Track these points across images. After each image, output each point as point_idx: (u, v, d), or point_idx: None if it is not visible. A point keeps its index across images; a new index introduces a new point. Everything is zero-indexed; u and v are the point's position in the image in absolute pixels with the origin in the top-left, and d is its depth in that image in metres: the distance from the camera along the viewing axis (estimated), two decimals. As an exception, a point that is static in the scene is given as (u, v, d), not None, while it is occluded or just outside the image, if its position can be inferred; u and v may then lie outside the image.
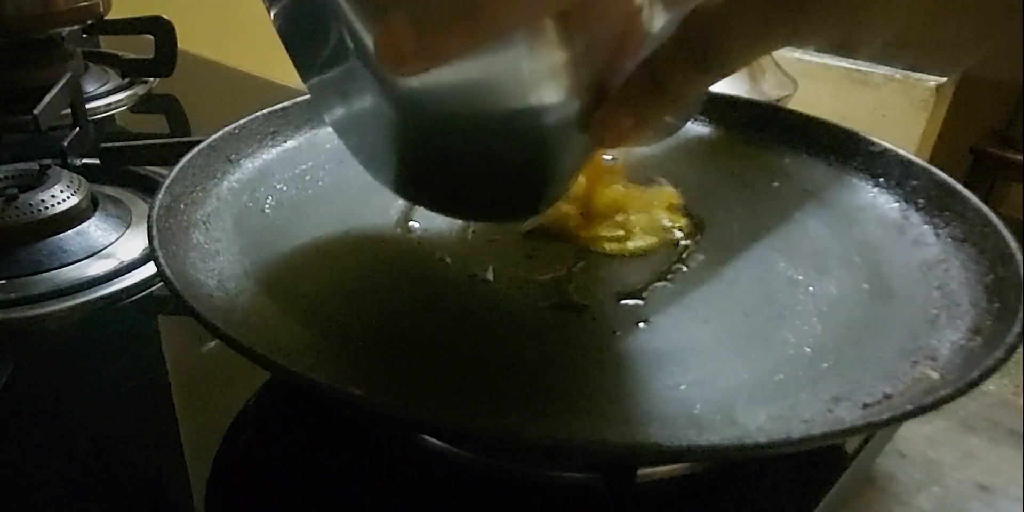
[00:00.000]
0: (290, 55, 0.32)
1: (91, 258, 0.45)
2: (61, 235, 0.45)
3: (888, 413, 0.27)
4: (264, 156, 0.45)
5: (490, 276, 0.36)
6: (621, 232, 0.40)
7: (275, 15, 0.31)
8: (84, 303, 0.41)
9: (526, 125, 0.27)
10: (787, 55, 1.37)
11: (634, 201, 0.41)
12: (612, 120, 0.28)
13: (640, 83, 0.27)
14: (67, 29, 0.67)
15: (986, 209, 0.37)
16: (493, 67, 0.25)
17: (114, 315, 0.42)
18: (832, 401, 0.29)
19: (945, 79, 1.30)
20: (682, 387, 0.30)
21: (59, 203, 0.45)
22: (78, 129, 0.55)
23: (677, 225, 0.41)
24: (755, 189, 0.44)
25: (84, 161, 0.53)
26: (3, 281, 0.42)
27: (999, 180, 1.71)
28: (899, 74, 1.32)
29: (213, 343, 0.40)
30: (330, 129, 0.48)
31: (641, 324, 0.34)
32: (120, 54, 0.74)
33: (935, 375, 0.30)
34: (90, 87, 0.70)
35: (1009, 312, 0.31)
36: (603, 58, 0.27)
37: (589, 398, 0.29)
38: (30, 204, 0.44)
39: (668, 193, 0.43)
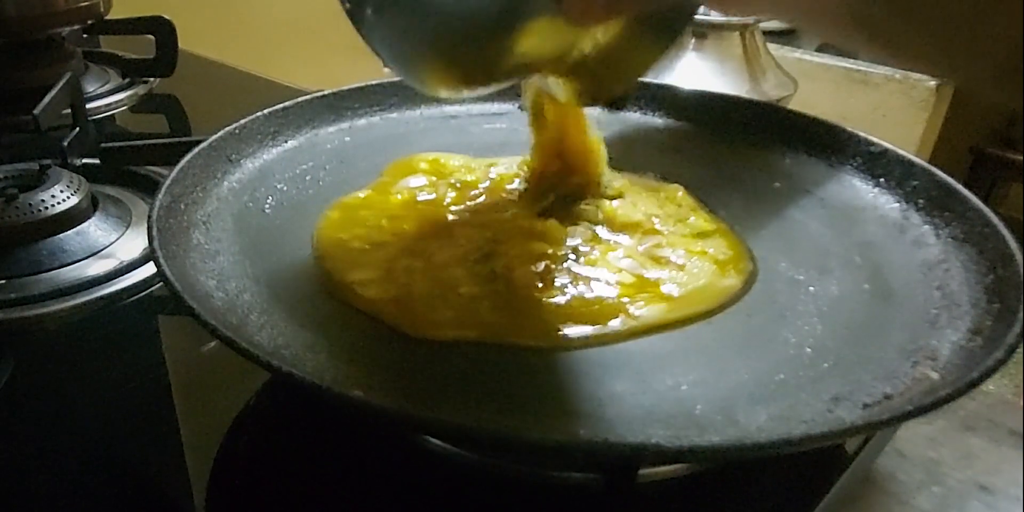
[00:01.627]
0: None
1: (91, 258, 0.45)
2: (61, 235, 0.45)
3: (888, 413, 0.27)
4: (264, 156, 0.45)
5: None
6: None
7: None
8: (84, 303, 0.41)
9: None
10: (787, 55, 1.37)
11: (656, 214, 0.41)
12: None
13: None
14: (67, 29, 0.67)
15: (986, 209, 0.37)
16: None
17: (114, 315, 0.42)
18: (832, 401, 0.29)
19: (945, 79, 1.30)
20: (683, 387, 0.30)
21: (59, 203, 0.45)
22: (78, 129, 0.55)
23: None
24: (755, 189, 0.45)
25: (84, 161, 0.53)
26: (3, 281, 0.42)
27: (999, 180, 1.70)
28: (899, 74, 1.32)
29: (213, 343, 0.40)
30: (331, 129, 0.49)
31: (641, 324, 0.34)
32: (120, 54, 0.74)
33: (935, 375, 0.30)
34: (90, 87, 0.70)
35: (1009, 312, 0.31)
36: None
37: (591, 398, 0.29)
38: (30, 204, 0.44)
39: (673, 188, 0.43)
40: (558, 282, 0.36)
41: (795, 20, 0.27)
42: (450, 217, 0.41)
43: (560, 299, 0.35)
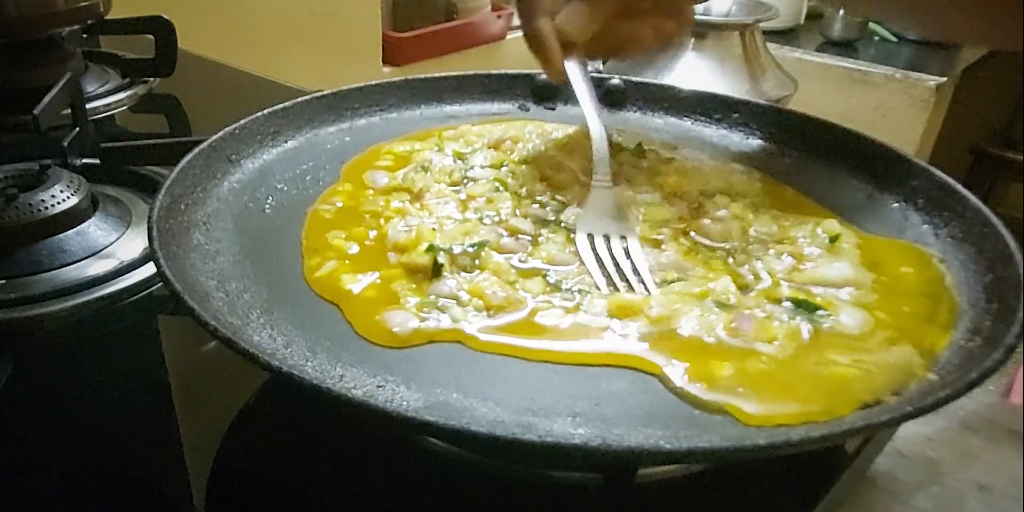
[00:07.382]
0: None
1: (91, 258, 0.45)
2: (61, 235, 0.45)
3: (887, 414, 0.27)
4: (265, 156, 0.45)
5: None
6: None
7: None
8: (84, 303, 0.41)
9: None
10: (787, 55, 1.37)
11: None
12: None
13: None
14: (67, 29, 0.67)
15: (986, 209, 0.37)
16: None
17: (114, 315, 0.42)
18: (832, 402, 0.29)
19: (945, 79, 1.30)
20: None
21: (59, 203, 0.45)
22: (78, 129, 0.55)
23: None
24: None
25: (84, 161, 0.53)
26: (3, 281, 0.42)
27: (999, 180, 1.71)
28: (899, 74, 1.32)
29: (213, 343, 0.40)
30: (331, 129, 0.49)
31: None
32: (120, 54, 0.74)
33: (934, 376, 0.30)
34: (90, 87, 0.70)
35: (1008, 312, 0.31)
36: None
37: (590, 398, 0.29)
38: (30, 204, 0.44)
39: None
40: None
41: None
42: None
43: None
